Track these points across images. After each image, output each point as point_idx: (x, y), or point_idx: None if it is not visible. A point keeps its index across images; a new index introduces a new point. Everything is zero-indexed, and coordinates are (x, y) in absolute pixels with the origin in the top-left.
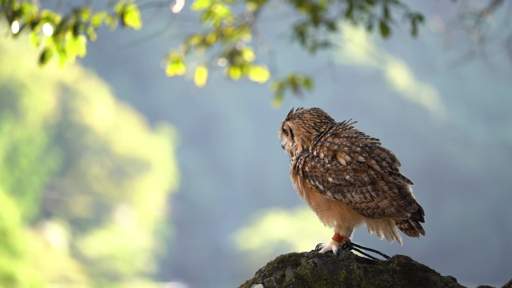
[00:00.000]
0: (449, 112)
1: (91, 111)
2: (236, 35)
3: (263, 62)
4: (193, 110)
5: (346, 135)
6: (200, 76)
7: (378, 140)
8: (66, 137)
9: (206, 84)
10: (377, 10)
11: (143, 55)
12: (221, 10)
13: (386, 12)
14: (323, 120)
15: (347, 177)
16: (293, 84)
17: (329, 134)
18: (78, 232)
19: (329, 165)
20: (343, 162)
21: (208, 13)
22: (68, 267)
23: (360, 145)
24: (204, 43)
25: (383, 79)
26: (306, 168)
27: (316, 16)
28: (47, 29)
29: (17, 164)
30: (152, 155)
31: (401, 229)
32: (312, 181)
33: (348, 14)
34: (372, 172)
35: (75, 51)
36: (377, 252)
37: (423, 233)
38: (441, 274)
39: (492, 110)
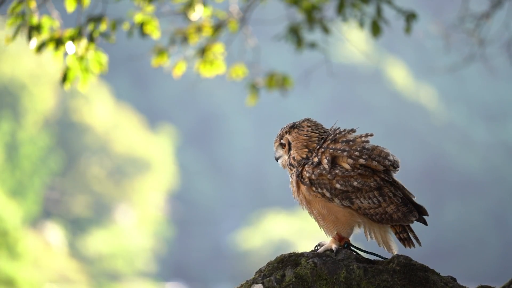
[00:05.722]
0: (449, 112)
1: (91, 111)
2: (217, 32)
3: (249, 58)
4: (193, 110)
5: (345, 139)
6: (178, 69)
7: (371, 135)
8: (66, 137)
9: (206, 84)
10: (370, 8)
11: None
12: (204, 10)
13: (379, 11)
14: (320, 130)
15: (355, 183)
16: (271, 83)
17: (329, 141)
18: (78, 232)
19: (337, 171)
20: (346, 166)
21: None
22: (68, 267)
23: (358, 148)
24: (185, 39)
25: (383, 78)
26: (313, 176)
27: (311, 16)
28: (70, 47)
29: (18, 165)
30: (152, 155)
31: (399, 239)
32: (319, 189)
33: (340, 11)
34: (378, 179)
35: (98, 69)
36: (376, 255)
37: (419, 244)
38: (441, 274)
39: (492, 110)
